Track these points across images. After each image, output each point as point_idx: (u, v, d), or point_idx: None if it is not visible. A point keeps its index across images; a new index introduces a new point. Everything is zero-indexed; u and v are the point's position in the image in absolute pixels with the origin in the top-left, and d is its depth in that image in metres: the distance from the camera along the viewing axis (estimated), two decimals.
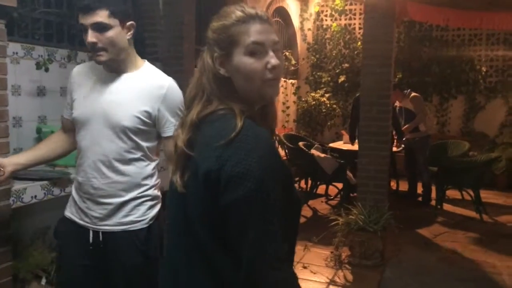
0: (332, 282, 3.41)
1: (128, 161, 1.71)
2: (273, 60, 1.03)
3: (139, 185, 1.75)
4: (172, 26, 4.15)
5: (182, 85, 4.78)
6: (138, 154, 1.72)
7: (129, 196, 1.73)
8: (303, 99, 7.76)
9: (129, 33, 1.68)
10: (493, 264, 3.84)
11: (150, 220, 1.77)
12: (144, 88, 1.69)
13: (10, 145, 2.05)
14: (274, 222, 0.95)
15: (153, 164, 1.81)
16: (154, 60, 4.14)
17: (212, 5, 5.43)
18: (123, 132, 1.67)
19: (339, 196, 5.79)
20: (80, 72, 1.78)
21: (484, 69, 7.11)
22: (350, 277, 3.48)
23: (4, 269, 2.06)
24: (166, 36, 4.18)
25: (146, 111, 1.68)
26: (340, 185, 5.72)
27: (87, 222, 1.73)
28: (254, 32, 1.03)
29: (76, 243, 1.75)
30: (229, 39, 1.04)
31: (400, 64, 7.20)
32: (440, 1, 4.82)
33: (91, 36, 1.59)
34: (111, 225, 1.72)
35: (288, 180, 1.06)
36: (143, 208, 1.75)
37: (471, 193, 5.21)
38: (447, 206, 5.57)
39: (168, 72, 4.61)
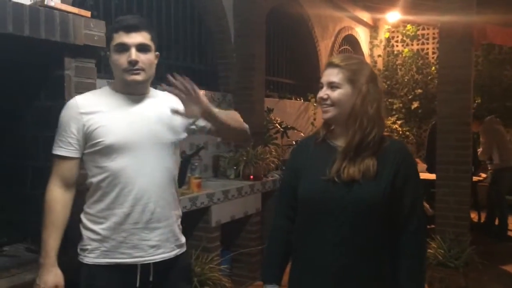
0: None
1: (174, 178, 1.68)
2: (320, 94, 1.48)
3: (179, 203, 1.72)
4: (243, 58, 4.28)
5: (251, 113, 4.87)
6: (176, 170, 1.71)
7: (176, 216, 1.69)
8: None
9: (156, 60, 1.66)
10: None
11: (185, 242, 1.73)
12: (170, 106, 1.57)
13: None
14: (279, 196, 1.66)
15: None
16: (225, 91, 4.28)
17: (281, 37, 5.55)
18: (173, 146, 1.66)
19: None
20: (85, 102, 1.60)
21: None
22: None
23: None
24: (237, 68, 4.31)
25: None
26: None
27: (139, 257, 1.59)
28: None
29: None
30: None
31: (478, 89, 6.82)
32: None
33: (136, 55, 1.55)
34: (167, 251, 1.63)
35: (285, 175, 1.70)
36: (179, 229, 1.71)
37: None
38: None
39: (238, 102, 4.74)
